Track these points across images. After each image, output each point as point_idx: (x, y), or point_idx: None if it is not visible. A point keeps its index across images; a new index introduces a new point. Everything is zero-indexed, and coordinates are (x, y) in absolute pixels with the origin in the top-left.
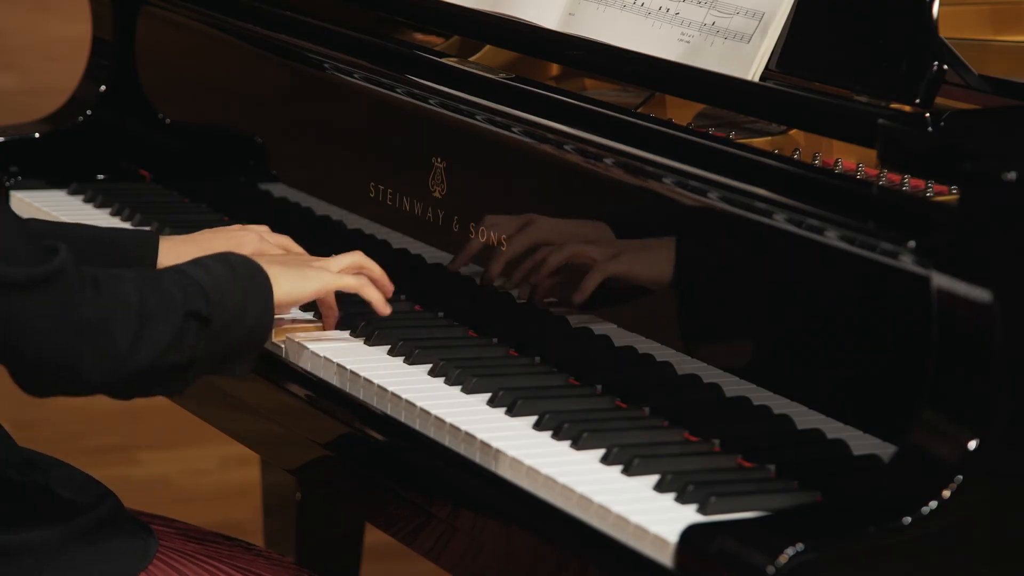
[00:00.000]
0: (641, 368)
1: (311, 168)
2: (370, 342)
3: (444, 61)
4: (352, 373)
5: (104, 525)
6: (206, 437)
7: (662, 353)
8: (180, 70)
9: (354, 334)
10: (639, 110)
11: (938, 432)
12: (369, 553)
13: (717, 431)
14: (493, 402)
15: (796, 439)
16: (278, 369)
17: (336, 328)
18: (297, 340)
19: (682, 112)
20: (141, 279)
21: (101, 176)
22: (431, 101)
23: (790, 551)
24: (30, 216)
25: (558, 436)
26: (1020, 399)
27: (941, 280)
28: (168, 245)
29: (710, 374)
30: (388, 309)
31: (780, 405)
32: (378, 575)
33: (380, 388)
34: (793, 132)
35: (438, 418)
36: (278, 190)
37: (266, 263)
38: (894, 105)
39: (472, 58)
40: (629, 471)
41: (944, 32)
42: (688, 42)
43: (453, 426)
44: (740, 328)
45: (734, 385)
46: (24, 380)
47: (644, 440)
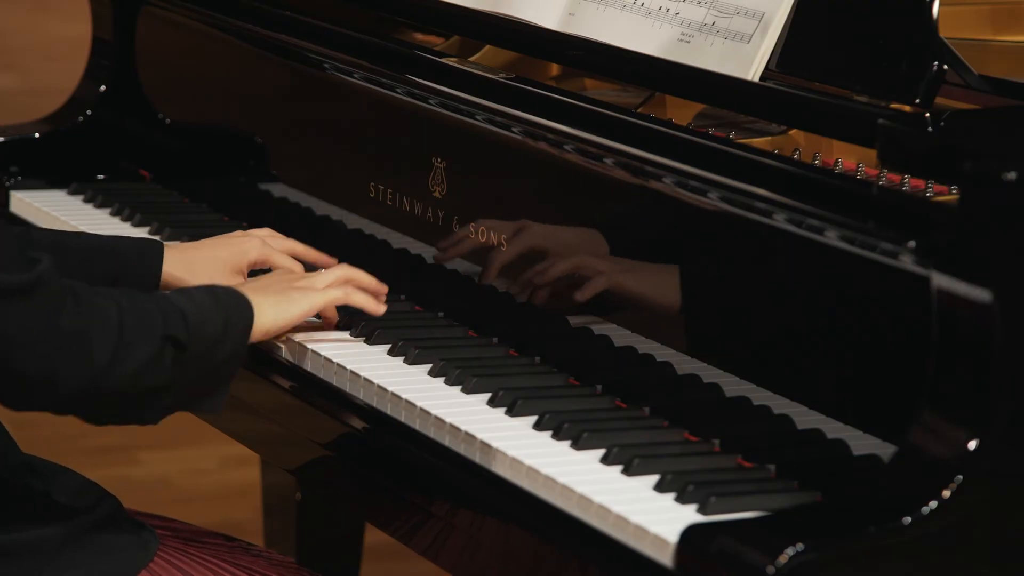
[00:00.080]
0: (641, 368)
1: (311, 168)
2: (370, 342)
3: (444, 61)
4: (352, 373)
5: (103, 525)
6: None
7: (662, 353)
8: (180, 70)
9: (354, 334)
10: (639, 110)
11: (938, 432)
12: (369, 553)
13: (717, 431)
14: (493, 402)
15: (796, 439)
16: (278, 369)
17: (336, 328)
18: (297, 340)
19: (682, 112)
20: (123, 298)
21: (101, 176)
22: (431, 101)
23: (790, 551)
24: (30, 216)
25: (558, 436)
26: (1020, 399)
27: (941, 280)
28: (174, 252)
29: (710, 374)
30: (381, 309)
31: (780, 405)
32: (378, 575)
33: (380, 388)
34: (793, 132)
35: (438, 418)
36: (278, 190)
37: (251, 292)
38: (894, 105)
39: (472, 58)
40: (629, 471)
41: (944, 32)
42: (688, 42)
43: (453, 426)
44: (740, 328)
45: (734, 385)
46: (0, 391)
47: (644, 440)
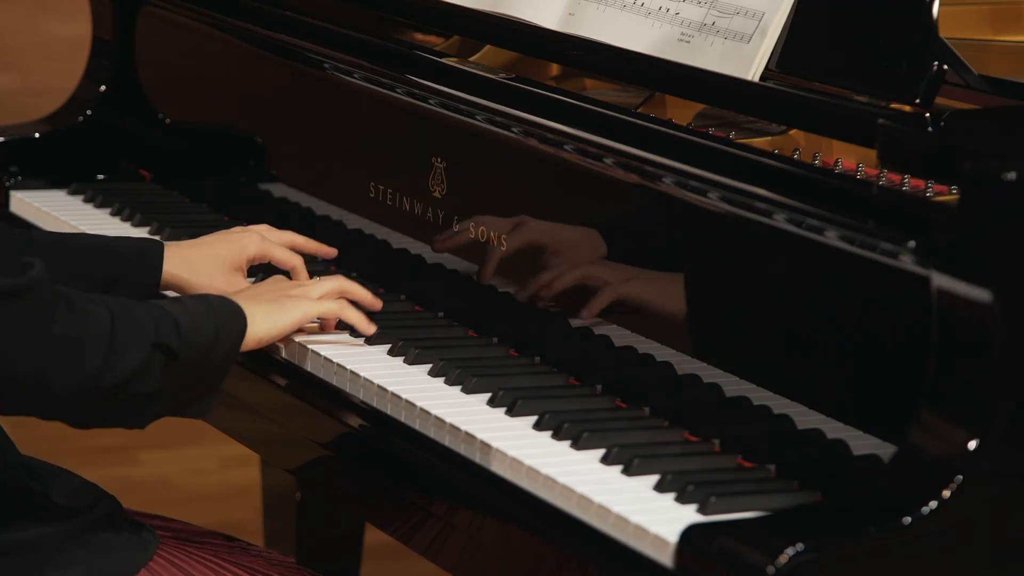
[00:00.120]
0: (641, 368)
1: (311, 168)
2: (370, 342)
3: (444, 61)
4: (352, 373)
5: (102, 525)
6: (206, 437)
7: (662, 353)
8: (180, 70)
9: (354, 334)
10: (639, 110)
11: (938, 432)
12: (369, 553)
13: (717, 431)
14: (493, 402)
15: (796, 439)
16: (278, 369)
17: (336, 328)
18: (297, 340)
19: (682, 112)
20: (116, 304)
21: (101, 176)
22: (431, 101)
23: (790, 551)
24: (30, 216)
25: (558, 436)
26: (1020, 399)
27: (941, 280)
28: (174, 251)
29: (710, 374)
30: (371, 329)
31: (780, 405)
32: (378, 575)
33: (380, 388)
34: (793, 132)
35: (438, 418)
36: (278, 190)
37: (245, 301)
38: (894, 105)
39: (472, 58)
40: (629, 471)
41: (944, 32)
42: (688, 42)
43: (453, 426)
44: (740, 328)
45: (734, 385)
46: None
47: (644, 440)
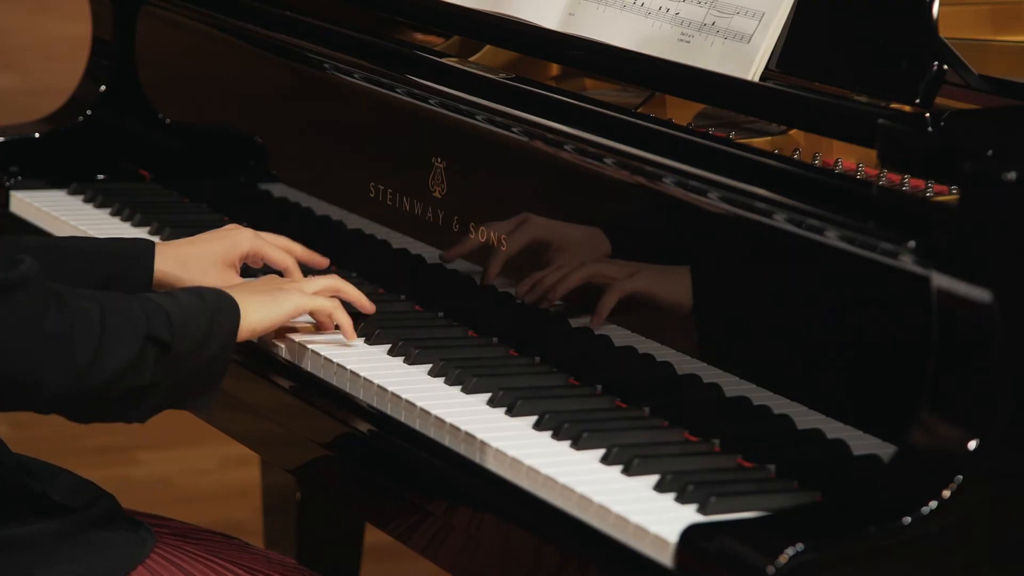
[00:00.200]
0: (641, 368)
1: (311, 168)
2: (370, 342)
3: (444, 61)
4: (352, 373)
5: (100, 523)
6: (206, 437)
7: (662, 353)
8: (180, 70)
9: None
10: (639, 110)
11: (938, 432)
12: (369, 553)
13: (717, 431)
14: (493, 402)
15: (796, 439)
16: (278, 369)
17: (335, 329)
18: (297, 340)
19: (682, 112)
20: (106, 299)
21: (101, 176)
22: (431, 101)
23: (790, 551)
24: (30, 216)
25: (558, 436)
26: (1020, 399)
27: (941, 280)
28: (166, 249)
29: (710, 374)
30: (355, 337)
31: (780, 405)
32: (378, 575)
33: (380, 388)
34: (793, 132)
35: (438, 418)
36: (278, 190)
37: (238, 292)
38: (894, 105)
39: (472, 58)
40: (629, 471)
41: (944, 32)
42: (688, 42)
43: (453, 426)
44: (740, 328)
45: (734, 385)
46: None
47: (644, 440)
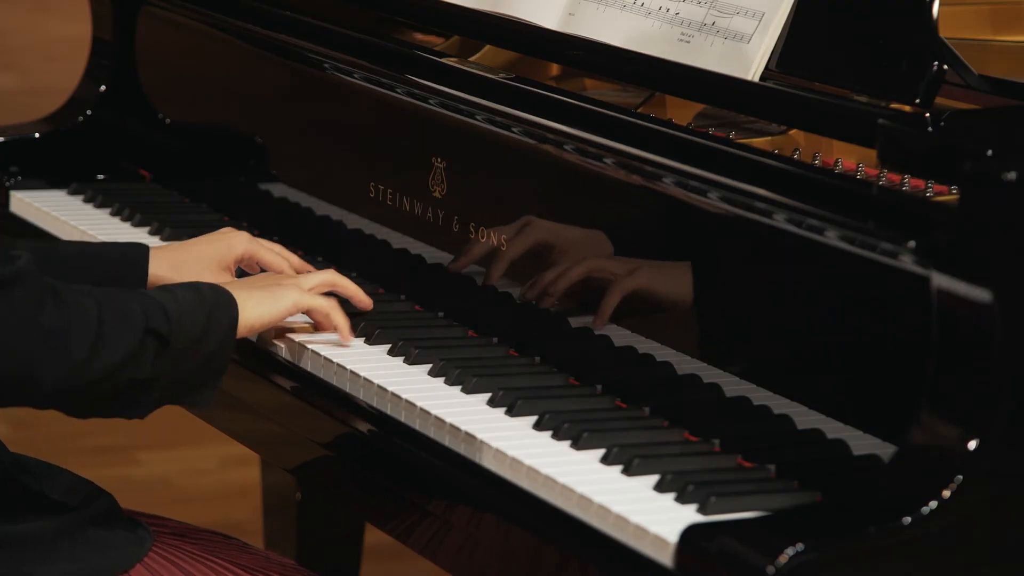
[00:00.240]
0: (641, 368)
1: (311, 168)
2: (370, 342)
3: (444, 61)
4: (352, 373)
5: (98, 521)
6: (206, 437)
7: (662, 353)
8: (180, 70)
9: (354, 334)
10: (639, 110)
11: (938, 432)
12: (369, 553)
13: (717, 431)
14: (493, 402)
15: (796, 439)
16: (278, 369)
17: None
18: (297, 340)
19: (682, 112)
20: (104, 295)
21: (101, 176)
22: (431, 101)
23: (790, 551)
24: (30, 216)
25: (558, 436)
26: (1020, 399)
27: (941, 280)
28: (160, 253)
29: (710, 374)
30: (351, 339)
31: (780, 405)
32: (378, 575)
33: (380, 388)
34: (793, 132)
35: (438, 418)
36: (278, 190)
37: (236, 288)
38: (894, 105)
39: (472, 58)
40: (629, 471)
41: (944, 32)
42: (688, 42)
43: (453, 426)
44: (740, 328)
45: (734, 385)
46: None
47: (644, 440)
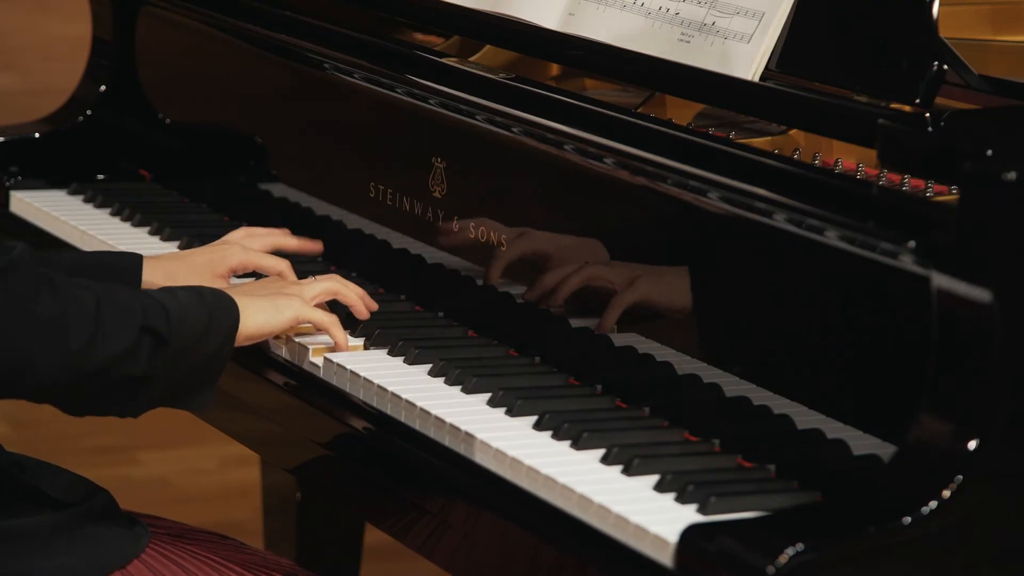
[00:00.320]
0: (641, 368)
1: (311, 168)
2: (370, 342)
3: (444, 61)
4: (352, 373)
5: (95, 518)
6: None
7: (662, 353)
8: (180, 70)
9: (354, 334)
10: (639, 110)
11: (938, 432)
12: (369, 553)
13: (717, 431)
14: (493, 402)
15: (796, 439)
16: (278, 369)
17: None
18: (297, 341)
19: (682, 112)
20: (104, 289)
21: (101, 176)
22: (431, 101)
23: (790, 551)
24: (30, 216)
25: (558, 436)
26: (1020, 399)
27: (941, 280)
28: (153, 263)
29: (710, 374)
30: (347, 349)
31: (780, 405)
32: (378, 575)
33: (380, 388)
34: (793, 132)
35: (438, 418)
36: (278, 190)
37: (237, 294)
38: (894, 105)
39: (472, 58)
40: (629, 471)
41: (944, 32)
42: (688, 42)
43: (453, 426)
44: (740, 328)
45: (734, 385)
46: None
47: (644, 440)
